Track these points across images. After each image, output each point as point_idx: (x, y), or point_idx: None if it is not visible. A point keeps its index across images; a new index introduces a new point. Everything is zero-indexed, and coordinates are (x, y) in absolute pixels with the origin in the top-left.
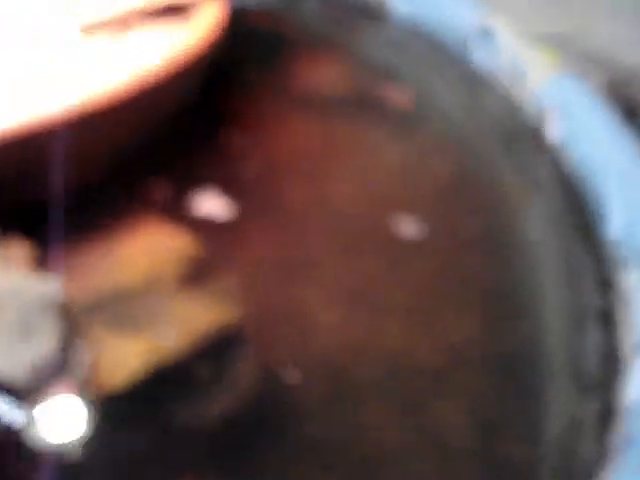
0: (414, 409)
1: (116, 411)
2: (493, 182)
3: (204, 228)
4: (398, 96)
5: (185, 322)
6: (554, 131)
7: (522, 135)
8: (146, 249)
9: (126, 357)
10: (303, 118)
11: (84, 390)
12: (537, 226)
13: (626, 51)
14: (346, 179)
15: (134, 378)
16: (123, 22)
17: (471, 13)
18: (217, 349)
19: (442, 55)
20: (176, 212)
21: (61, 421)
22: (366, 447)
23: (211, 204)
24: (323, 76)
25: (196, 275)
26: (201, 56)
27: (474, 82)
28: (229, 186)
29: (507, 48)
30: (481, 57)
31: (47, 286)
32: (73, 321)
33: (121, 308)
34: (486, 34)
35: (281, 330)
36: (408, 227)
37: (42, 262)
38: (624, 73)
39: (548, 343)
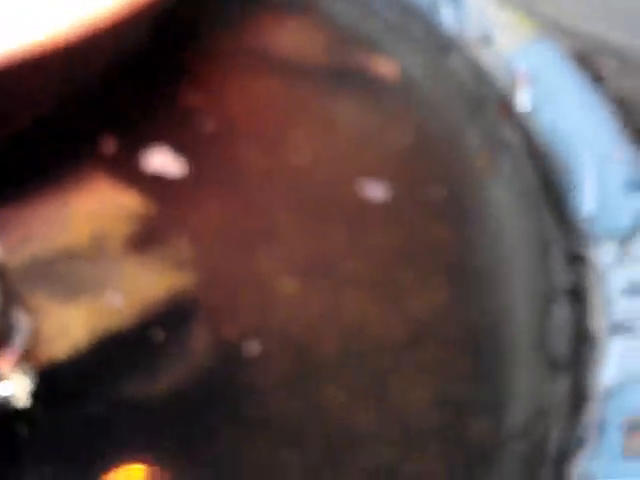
0: (378, 387)
1: (60, 382)
2: (460, 149)
3: (155, 186)
4: (363, 59)
5: (135, 288)
6: (524, 98)
7: (490, 101)
8: (93, 207)
9: (70, 325)
10: (264, 78)
11: (25, 360)
12: (505, 196)
13: (590, 20)
14: (309, 143)
15: (79, 347)
16: None
17: None
18: (169, 318)
19: (410, 16)
20: (125, 168)
21: (3, 393)
22: (328, 426)
23: (162, 161)
24: (286, 36)
25: (146, 237)
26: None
27: (442, 45)
28: (182, 143)
29: (476, 10)
30: (449, 19)
31: None
32: (11, 286)
33: (65, 271)
34: None
35: (238, 300)
36: (372, 194)
37: None
38: (588, 42)
39: (516, 319)
